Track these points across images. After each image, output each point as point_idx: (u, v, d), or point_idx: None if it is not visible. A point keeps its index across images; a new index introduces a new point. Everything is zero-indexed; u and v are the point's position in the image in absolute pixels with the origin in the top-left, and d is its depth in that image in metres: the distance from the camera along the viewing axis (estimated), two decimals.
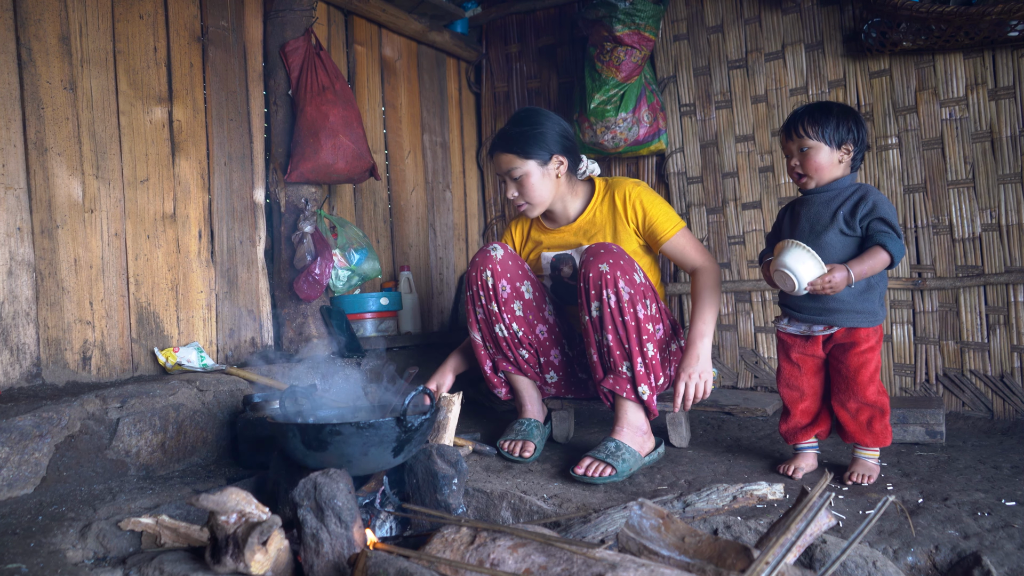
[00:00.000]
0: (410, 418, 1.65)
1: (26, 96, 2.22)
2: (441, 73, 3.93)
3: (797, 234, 2.00)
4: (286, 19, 2.89)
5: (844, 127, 1.95)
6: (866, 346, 1.97)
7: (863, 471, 1.97)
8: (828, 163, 1.96)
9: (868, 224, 1.90)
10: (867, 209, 1.90)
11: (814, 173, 1.97)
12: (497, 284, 2.30)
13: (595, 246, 2.16)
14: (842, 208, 1.93)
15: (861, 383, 1.98)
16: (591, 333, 2.18)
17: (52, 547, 1.48)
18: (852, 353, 1.98)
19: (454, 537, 1.32)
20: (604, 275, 2.10)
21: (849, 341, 1.98)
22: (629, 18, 3.12)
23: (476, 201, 4.15)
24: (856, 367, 1.98)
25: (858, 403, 1.99)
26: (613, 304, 2.10)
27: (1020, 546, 1.45)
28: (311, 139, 2.76)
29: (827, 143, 1.95)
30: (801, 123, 1.96)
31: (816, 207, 1.99)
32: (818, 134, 1.94)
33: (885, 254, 1.86)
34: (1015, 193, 2.78)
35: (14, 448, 1.77)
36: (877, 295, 1.98)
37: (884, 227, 1.88)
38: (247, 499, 1.36)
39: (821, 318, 1.98)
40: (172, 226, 2.62)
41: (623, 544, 1.25)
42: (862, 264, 1.86)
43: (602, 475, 2.01)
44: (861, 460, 2.00)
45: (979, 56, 2.84)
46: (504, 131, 2.33)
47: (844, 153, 1.97)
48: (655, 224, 2.32)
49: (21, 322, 2.19)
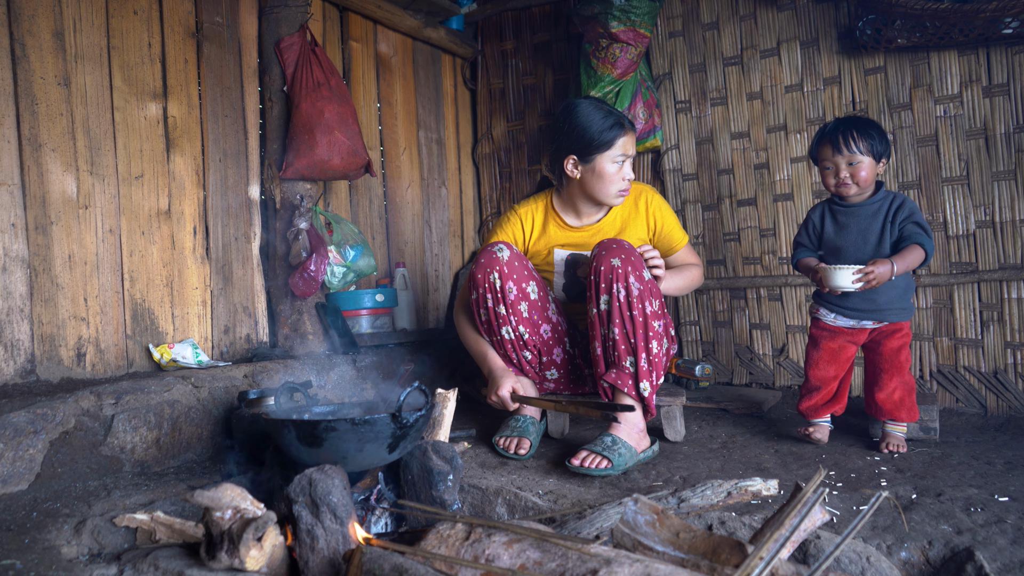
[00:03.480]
0: (405, 414, 1.65)
1: (20, 92, 2.21)
2: (437, 69, 3.93)
3: (848, 243, 2.28)
4: (281, 15, 2.88)
5: (883, 142, 2.22)
6: (903, 332, 2.28)
7: (896, 441, 2.23)
8: (872, 176, 2.23)
9: (904, 226, 2.19)
10: (905, 214, 2.20)
11: (863, 184, 2.23)
12: (504, 286, 2.29)
13: (607, 241, 2.18)
14: (887, 218, 2.22)
15: (900, 363, 2.28)
16: (597, 326, 2.19)
17: (47, 543, 1.48)
18: (893, 339, 2.28)
19: (449, 533, 1.32)
20: (616, 269, 2.11)
21: (892, 330, 2.28)
22: (624, 15, 3.12)
23: (472, 198, 4.15)
24: (897, 349, 2.28)
25: (897, 381, 2.27)
26: (623, 298, 2.11)
27: (1013, 541, 1.46)
28: (306, 135, 2.76)
29: (874, 157, 2.22)
30: (851, 138, 2.21)
31: (865, 219, 2.26)
32: (868, 149, 2.21)
33: (921, 251, 2.15)
34: (1009, 190, 2.79)
35: (8, 444, 1.77)
36: (912, 292, 2.31)
37: (918, 229, 2.17)
38: (242, 495, 1.36)
39: (872, 315, 2.27)
40: (167, 222, 2.61)
41: (618, 540, 1.25)
42: (904, 260, 2.13)
43: (599, 467, 2.01)
44: (893, 433, 2.27)
45: (973, 53, 2.84)
46: (623, 114, 2.38)
47: (883, 166, 2.25)
48: (671, 236, 2.50)
49: (15, 318, 2.18)
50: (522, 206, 2.56)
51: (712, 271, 3.44)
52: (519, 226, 2.54)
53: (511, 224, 2.55)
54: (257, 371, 2.44)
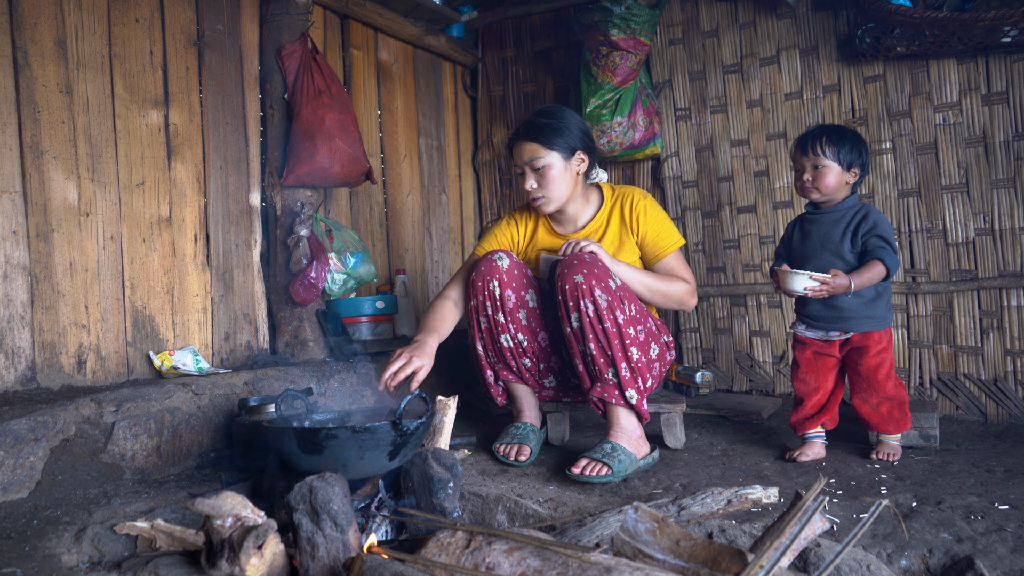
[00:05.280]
0: (406, 422, 1.65)
1: (22, 99, 2.21)
2: (437, 77, 3.94)
3: (809, 250, 2.26)
4: (282, 23, 2.89)
5: (856, 152, 2.17)
6: (879, 348, 2.21)
7: (888, 450, 2.22)
8: (837, 183, 2.18)
9: (867, 240, 2.14)
10: (868, 227, 2.15)
11: (824, 189, 2.19)
12: (504, 294, 2.28)
13: (568, 258, 2.15)
14: (849, 227, 2.18)
15: (880, 380, 2.22)
16: (574, 344, 2.18)
17: (47, 551, 1.48)
18: (868, 356, 2.22)
19: (450, 541, 1.32)
20: (579, 285, 2.09)
21: (864, 344, 2.22)
22: (624, 23, 3.13)
23: (472, 204, 4.16)
24: (873, 367, 2.22)
25: (879, 398, 2.23)
26: (592, 313, 2.10)
27: (1013, 550, 1.46)
28: (307, 143, 2.76)
29: (840, 164, 2.17)
30: (819, 142, 2.17)
31: (826, 226, 2.23)
32: (834, 155, 2.16)
33: (882, 267, 2.11)
34: (1008, 198, 2.80)
35: (9, 452, 1.77)
36: (884, 302, 2.21)
37: (882, 243, 2.12)
38: (243, 503, 1.36)
39: (836, 325, 2.23)
40: (168, 230, 2.62)
41: (618, 548, 1.25)
42: (862, 276, 2.10)
43: (599, 474, 2.01)
44: (886, 442, 2.25)
45: (972, 62, 2.85)
46: (529, 121, 2.31)
47: (852, 176, 2.19)
48: (656, 242, 2.35)
49: (16, 326, 2.18)
50: (518, 211, 2.55)
51: (712, 278, 3.45)
52: (514, 229, 2.52)
53: (503, 229, 2.53)
54: (258, 378, 2.44)
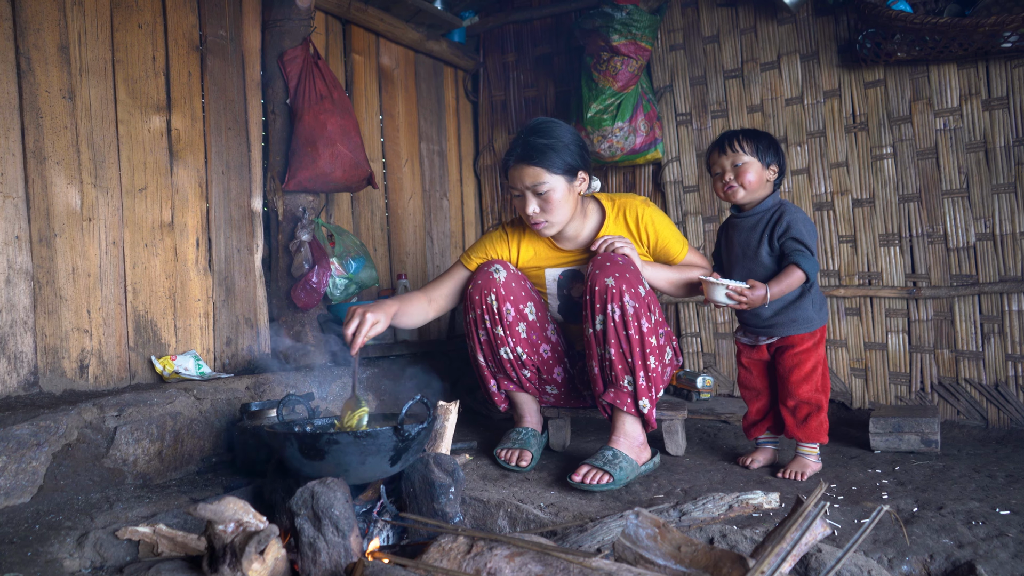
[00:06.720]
0: (407, 427, 1.65)
1: (25, 105, 2.22)
2: (438, 82, 3.95)
3: (733, 257, 2.23)
4: (284, 28, 2.90)
5: (772, 150, 2.16)
6: (800, 348, 2.16)
7: (796, 468, 2.13)
8: (759, 179, 2.14)
9: (784, 243, 2.10)
10: (783, 229, 2.10)
11: (748, 186, 2.14)
12: (502, 307, 2.25)
13: (602, 258, 2.12)
14: (765, 231, 2.13)
15: (795, 382, 2.15)
16: (593, 346, 2.16)
17: (49, 556, 1.48)
18: (787, 355, 2.17)
19: (451, 546, 1.32)
20: (609, 288, 2.08)
21: (786, 344, 2.18)
22: (625, 28, 3.14)
23: (473, 209, 4.16)
24: (791, 367, 2.16)
25: (795, 400, 2.16)
26: (617, 318, 2.08)
27: (1014, 555, 1.46)
28: (309, 148, 2.77)
29: (760, 160, 2.14)
30: (736, 139, 2.15)
31: (745, 232, 2.19)
32: (753, 150, 2.13)
33: (800, 272, 2.04)
34: (1009, 203, 2.80)
35: (11, 457, 1.77)
36: (810, 302, 2.15)
37: (798, 246, 2.07)
38: (244, 508, 1.37)
39: (764, 330, 2.20)
40: (170, 234, 2.62)
41: (619, 553, 1.26)
42: (780, 283, 2.05)
43: (600, 482, 2.01)
44: (798, 456, 2.17)
45: (973, 67, 2.86)
46: (527, 142, 2.15)
47: (771, 173, 2.16)
48: (668, 248, 2.33)
49: (19, 330, 2.19)
50: (511, 224, 2.43)
51: None
52: (504, 242, 2.40)
53: (495, 241, 2.41)
54: (259, 383, 2.44)
